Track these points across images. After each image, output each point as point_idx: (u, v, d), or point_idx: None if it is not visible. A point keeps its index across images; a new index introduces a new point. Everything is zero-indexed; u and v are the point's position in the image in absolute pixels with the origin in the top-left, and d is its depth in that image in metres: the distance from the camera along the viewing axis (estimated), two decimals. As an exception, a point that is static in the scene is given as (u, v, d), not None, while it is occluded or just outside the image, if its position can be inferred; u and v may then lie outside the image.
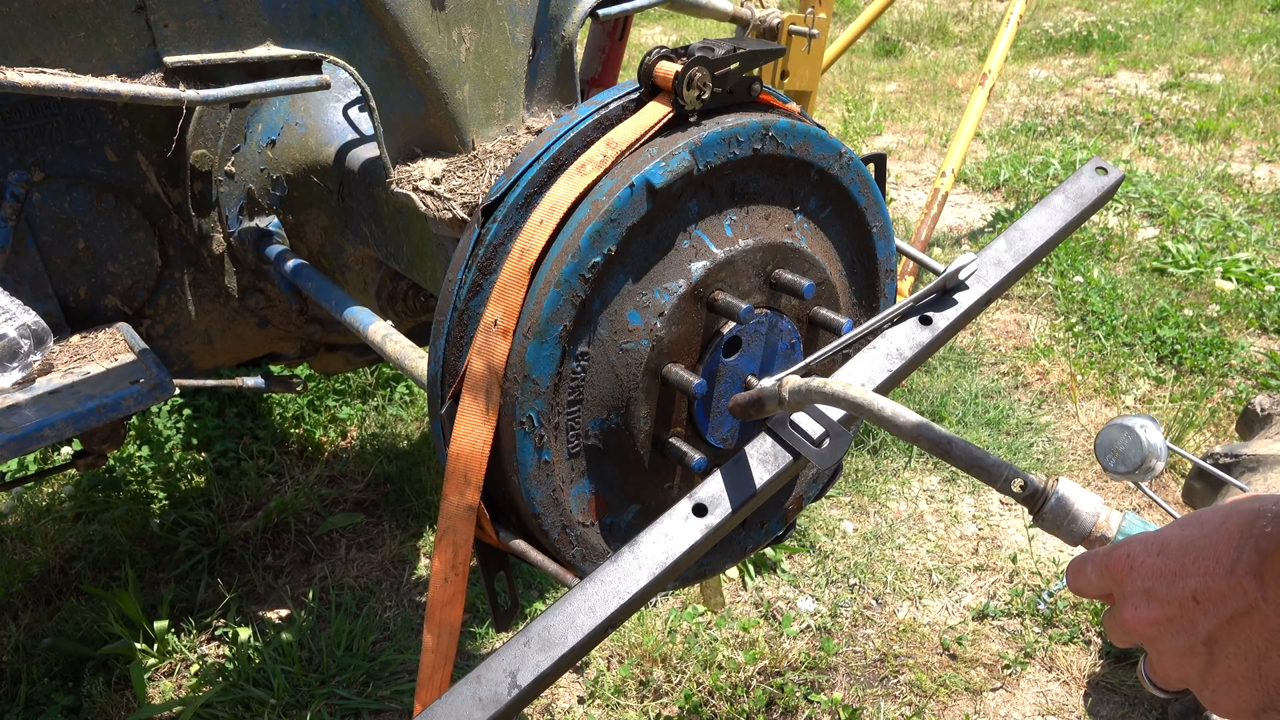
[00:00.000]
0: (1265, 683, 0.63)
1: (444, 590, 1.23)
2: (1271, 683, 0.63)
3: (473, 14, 1.59)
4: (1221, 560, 0.65)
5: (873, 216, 1.44)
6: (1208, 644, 0.66)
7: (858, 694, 2.55)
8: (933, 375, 3.88)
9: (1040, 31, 8.56)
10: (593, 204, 1.16)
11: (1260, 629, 0.62)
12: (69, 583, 2.94)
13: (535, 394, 1.17)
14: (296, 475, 3.38)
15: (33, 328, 1.54)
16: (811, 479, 1.55)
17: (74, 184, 1.77)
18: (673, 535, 1.10)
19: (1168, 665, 0.70)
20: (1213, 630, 0.66)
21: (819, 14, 2.83)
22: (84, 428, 1.49)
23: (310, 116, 1.93)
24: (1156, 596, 0.70)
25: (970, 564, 2.98)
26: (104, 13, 1.31)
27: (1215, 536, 0.66)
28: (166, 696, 2.60)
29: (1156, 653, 0.71)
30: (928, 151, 6.28)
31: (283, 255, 1.91)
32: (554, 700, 2.55)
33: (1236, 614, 0.64)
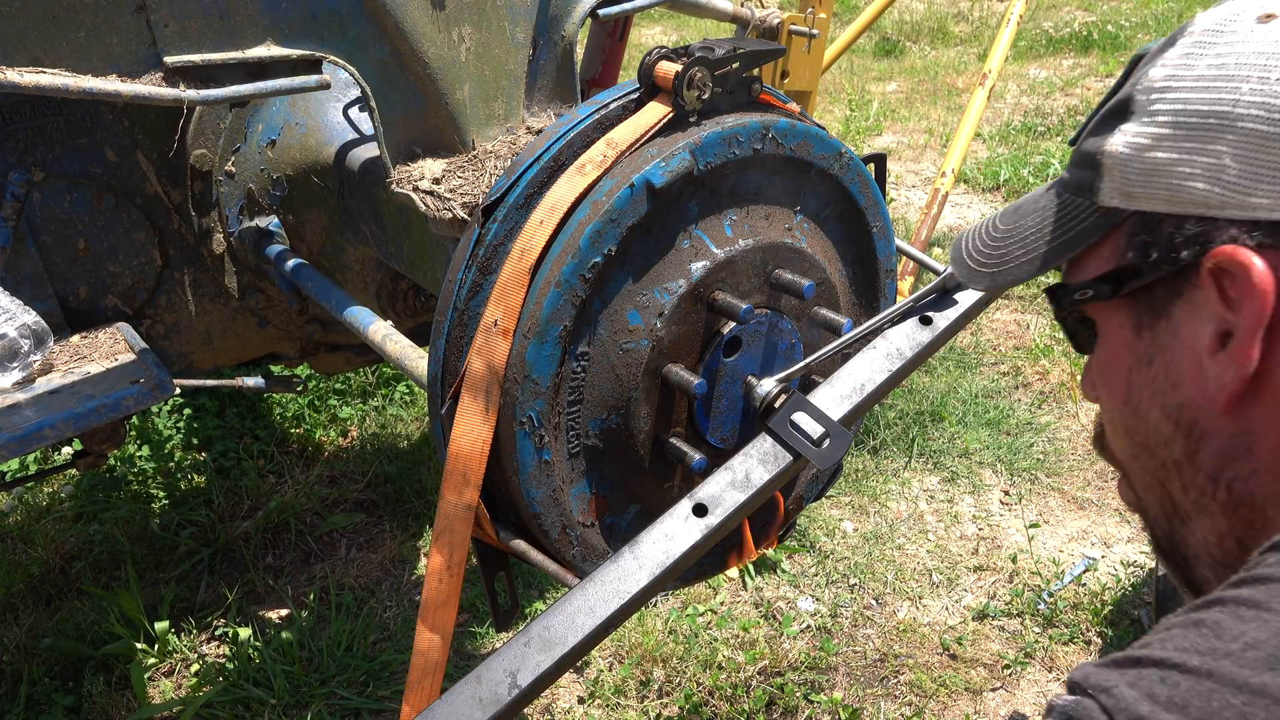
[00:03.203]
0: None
1: (439, 590, 1.23)
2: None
3: (473, 14, 1.59)
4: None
5: (873, 216, 1.44)
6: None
7: (858, 694, 2.55)
8: (933, 375, 3.88)
9: (1040, 31, 8.57)
10: (593, 204, 1.17)
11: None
12: (69, 583, 2.94)
13: (535, 394, 1.17)
14: (296, 475, 3.38)
15: (33, 328, 1.54)
16: (811, 479, 1.55)
17: (74, 184, 1.77)
18: (673, 535, 1.10)
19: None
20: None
21: (819, 14, 2.83)
22: (84, 428, 1.49)
23: (310, 116, 1.93)
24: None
25: (970, 564, 2.98)
26: (104, 13, 1.31)
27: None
28: (167, 696, 2.60)
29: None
30: (928, 151, 6.28)
31: (283, 255, 1.91)
32: (554, 700, 2.55)
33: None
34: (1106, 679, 0.51)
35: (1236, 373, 0.64)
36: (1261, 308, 0.62)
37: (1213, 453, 0.68)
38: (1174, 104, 0.67)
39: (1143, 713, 0.48)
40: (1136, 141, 0.68)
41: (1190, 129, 0.65)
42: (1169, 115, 0.67)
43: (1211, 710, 0.47)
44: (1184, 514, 0.73)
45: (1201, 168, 0.64)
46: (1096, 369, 0.79)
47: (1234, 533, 0.69)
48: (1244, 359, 0.63)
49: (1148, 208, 0.69)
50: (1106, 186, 0.71)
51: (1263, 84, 0.62)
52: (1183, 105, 0.66)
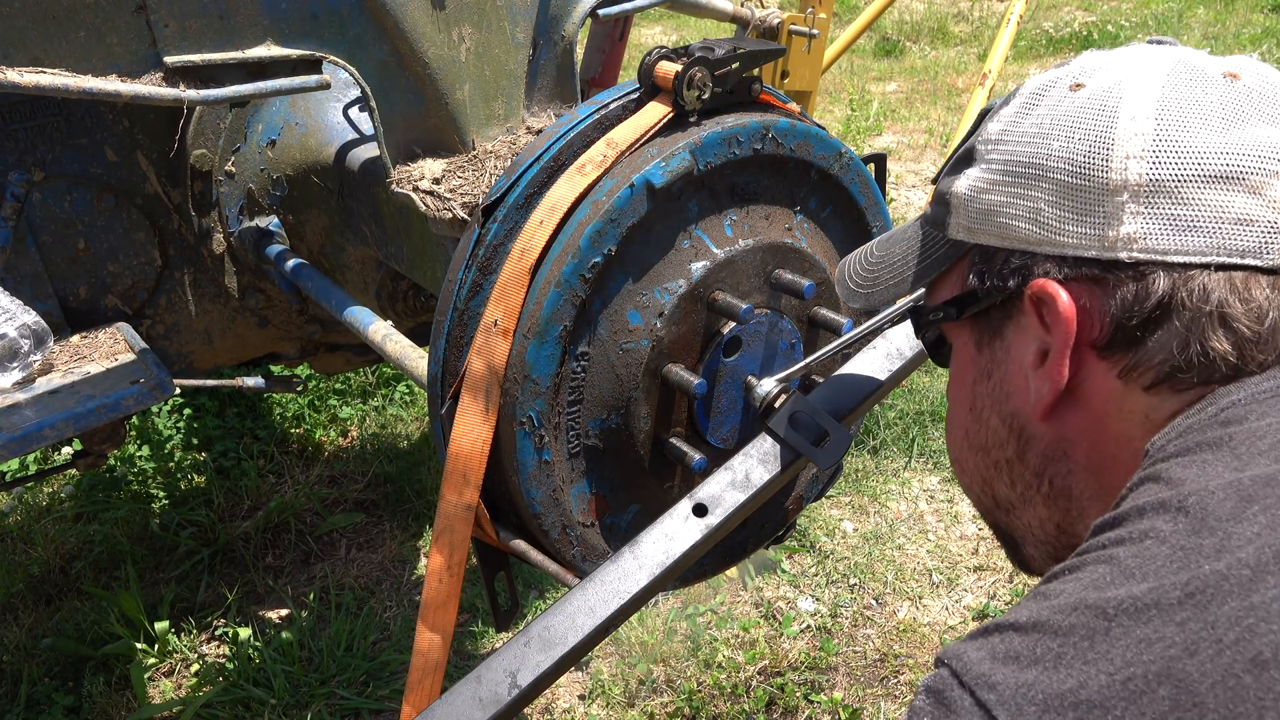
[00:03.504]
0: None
1: (439, 590, 1.23)
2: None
3: (473, 14, 1.59)
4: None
5: (873, 216, 1.44)
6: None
7: (858, 694, 2.55)
8: (933, 375, 3.88)
9: (1040, 31, 8.56)
10: (593, 204, 1.16)
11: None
12: (69, 583, 2.94)
13: (535, 394, 1.17)
14: (296, 475, 3.38)
15: (33, 328, 1.54)
16: (811, 479, 1.55)
17: (74, 184, 1.77)
18: (673, 535, 1.10)
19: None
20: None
21: (819, 14, 2.83)
22: (84, 428, 1.49)
23: (310, 116, 1.93)
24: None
25: (970, 564, 2.98)
26: (104, 13, 1.31)
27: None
28: (167, 696, 2.60)
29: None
30: (928, 151, 6.28)
31: (283, 255, 1.91)
32: (554, 699, 2.55)
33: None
34: (959, 649, 0.59)
35: (1051, 385, 0.75)
36: (1067, 331, 0.72)
37: (1037, 454, 0.80)
38: (1004, 154, 0.78)
39: (984, 670, 0.56)
40: (976, 185, 0.80)
41: (1015, 176, 0.77)
42: (1000, 164, 0.78)
43: (1036, 655, 0.55)
44: (1008, 505, 0.86)
45: (1023, 210, 0.76)
46: (950, 380, 0.90)
47: (1053, 519, 0.82)
48: (1056, 374, 0.74)
49: (985, 242, 0.79)
50: (954, 222, 0.82)
51: (1069, 142, 0.73)
52: (1011, 155, 0.77)
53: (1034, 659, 0.55)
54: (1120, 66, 0.76)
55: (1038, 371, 0.76)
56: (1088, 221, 0.72)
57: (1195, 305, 0.69)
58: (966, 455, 0.88)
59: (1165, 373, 0.71)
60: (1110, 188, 0.70)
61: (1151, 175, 0.69)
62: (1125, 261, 0.70)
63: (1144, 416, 0.72)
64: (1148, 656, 0.51)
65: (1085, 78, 0.76)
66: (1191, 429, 0.67)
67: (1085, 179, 0.72)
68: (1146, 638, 0.52)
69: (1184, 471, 0.62)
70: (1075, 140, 0.73)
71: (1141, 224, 0.70)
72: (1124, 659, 0.52)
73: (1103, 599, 0.55)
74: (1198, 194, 0.69)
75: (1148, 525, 0.59)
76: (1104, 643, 0.53)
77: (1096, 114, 0.73)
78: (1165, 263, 0.69)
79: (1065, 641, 0.54)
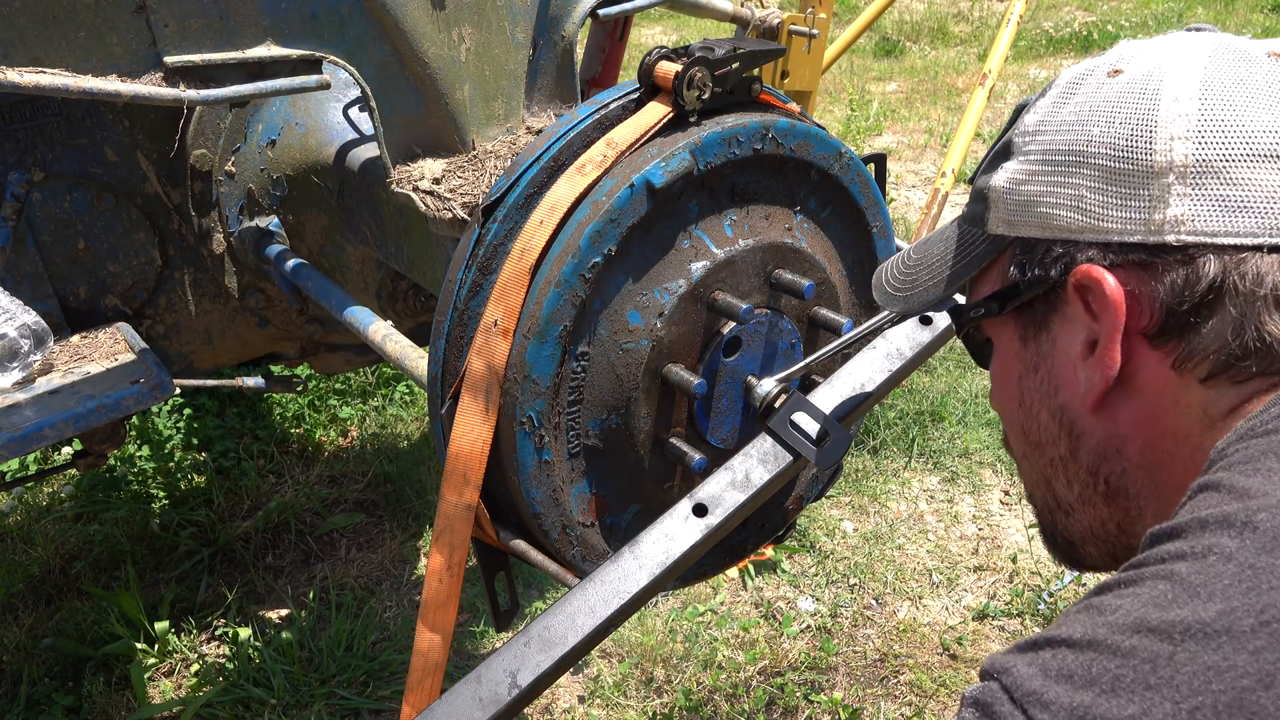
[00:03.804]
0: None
1: (439, 590, 1.23)
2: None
3: (473, 14, 1.59)
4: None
5: (873, 216, 1.44)
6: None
7: (858, 694, 2.55)
8: (933, 375, 3.88)
9: (1040, 31, 8.56)
10: (593, 204, 1.16)
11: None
12: (69, 583, 2.94)
13: (535, 394, 1.17)
14: (296, 475, 3.38)
15: (33, 328, 1.54)
16: (811, 479, 1.55)
17: (74, 184, 1.77)
18: (673, 535, 1.10)
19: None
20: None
21: (819, 14, 2.83)
22: (84, 428, 1.49)
23: (310, 116, 1.93)
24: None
25: (970, 564, 2.98)
26: (104, 13, 1.31)
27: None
28: (167, 696, 2.60)
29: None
30: (928, 151, 6.28)
31: (283, 255, 1.91)
32: (554, 699, 2.55)
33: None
34: (1008, 662, 0.56)
35: (1102, 374, 0.73)
36: (1116, 316, 0.70)
37: (1089, 450, 0.78)
38: (1043, 144, 0.77)
39: (1036, 687, 0.53)
40: (1015, 176, 0.79)
41: (1055, 165, 0.75)
42: (1039, 154, 0.77)
43: (1092, 676, 0.52)
44: (1067, 507, 0.83)
45: (1065, 198, 0.74)
46: (995, 378, 0.88)
47: (1114, 518, 0.79)
48: (1108, 362, 0.72)
49: (1025, 234, 0.78)
50: (993, 216, 0.81)
51: (1109, 127, 0.72)
52: (1049, 145, 0.76)
53: (1089, 680, 0.52)
54: (1160, 51, 0.74)
55: (1086, 361, 0.74)
56: (1132, 206, 0.70)
57: (1249, 289, 0.66)
58: (1026, 451, 0.86)
59: (1221, 362, 0.68)
60: (1155, 170, 0.68)
61: (1198, 155, 0.67)
62: (1173, 245, 0.68)
63: (1202, 411, 0.69)
64: (1218, 686, 0.48)
65: (1123, 64, 0.75)
66: (1255, 431, 0.63)
67: (1128, 162, 0.70)
68: (1216, 666, 0.49)
69: (1248, 481, 0.58)
70: (1116, 124, 0.71)
71: (1189, 206, 0.67)
72: (1190, 687, 0.48)
73: (1166, 620, 0.52)
74: (1247, 173, 0.66)
75: (1211, 540, 0.55)
76: (1168, 668, 0.50)
77: (1138, 97, 0.71)
78: (1215, 245, 0.67)
79: (1125, 664, 0.51)
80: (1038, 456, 0.84)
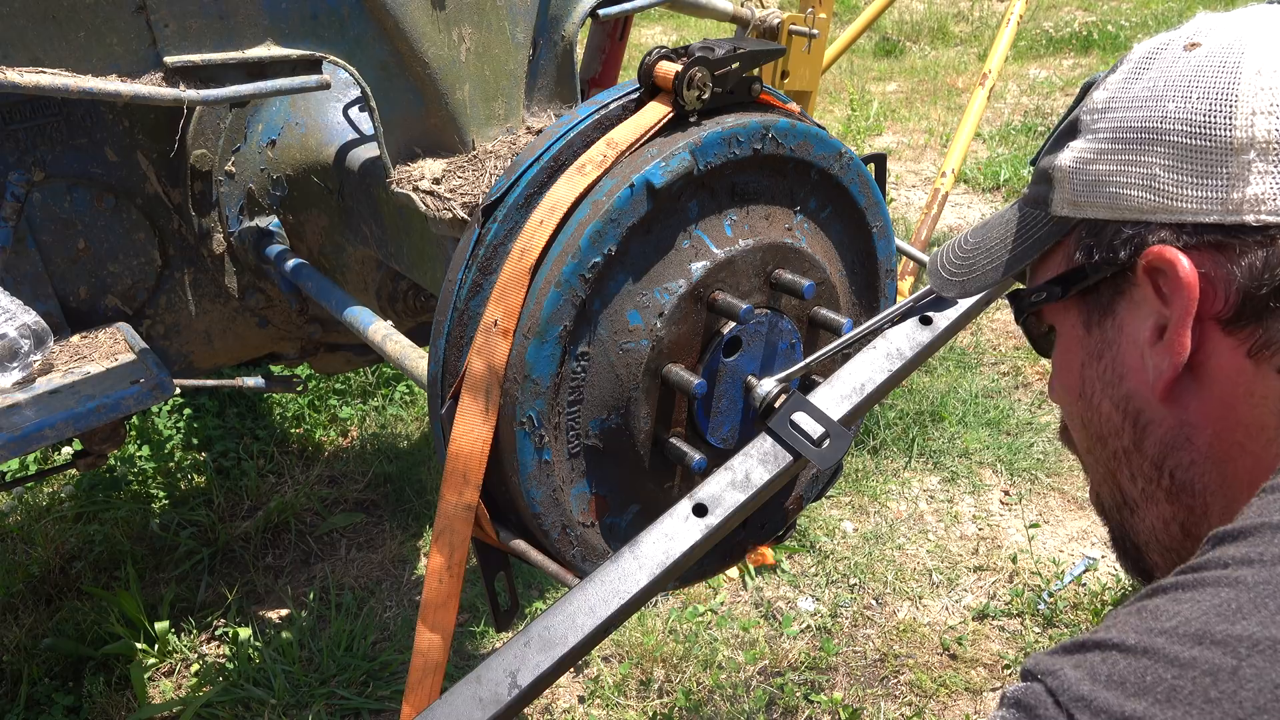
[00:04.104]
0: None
1: (439, 591, 1.23)
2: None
3: (473, 14, 1.59)
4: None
5: (873, 216, 1.44)
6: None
7: (858, 694, 2.55)
8: (933, 375, 3.88)
9: (1040, 31, 8.56)
10: (593, 204, 1.16)
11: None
12: (69, 583, 2.94)
13: (535, 394, 1.17)
14: (296, 475, 3.38)
15: (33, 328, 1.54)
16: (811, 479, 1.55)
17: (74, 184, 1.77)
18: (673, 535, 1.10)
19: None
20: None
21: (819, 14, 2.83)
22: (84, 428, 1.49)
23: (310, 116, 1.93)
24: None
25: (970, 564, 2.98)
26: (104, 13, 1.31)
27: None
28: (167, 696, 2.60)
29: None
30: (928, 151, 6.28)
31: (283, 255, 1.91)
32: (554, 699, 2.55)
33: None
34: (1053, 664, 0.54)
35: (1171, 360, 0.69)
36: (1188, 299, 0.67)
37: (1155, 441, 0.74)
38: (1113, 121, 0.74)
39: (1084, 692, 0.51)
40: (1082, 156, 0.76)
41: (1126, 143, 0.72)
42: (1109, 132, 0.74)
43: (1146, 684, 0.50)
44: (1133, 503, 0.80)
45: (1136, 177, 0.71)
46: (1056, 366, 0.85)
47: (1178, 518, 0.75)
48: (1178, 347, 0.68)
49: (1092, 215, 0.75)
50: (1057, 198, 0.78)
51: (1185, 102, 0.68)
52: (1120, 122, 0.73)
53: (1142, 688, 0.50)
54: (1239, 24, 0.71)
55: (1155, 347, 0.70)
56: (1209, 184, 0.66)
57: None
58: (1090, 445, 0.82)
59: None
60: (1235, 146, 0.65)
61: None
62: (1252, 225, 0.65)
63: (1278, 402, 0.66)
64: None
65: (1201, 36, 0.71)
66: None
67: (1206, 139, 0.67)
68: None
69: None
70: (1194, 99, 0.67)
71: (1271, 184, 0.64)
72: (1256, 704, 0.46)
73: (1231, 633, 0.49)
74: None
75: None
76: (1231, 683, 0.47)
77: (1217, 70, 0.68)
78: None
79: (1183, 674, 0.49)
80: (1100, 450, 0.80)
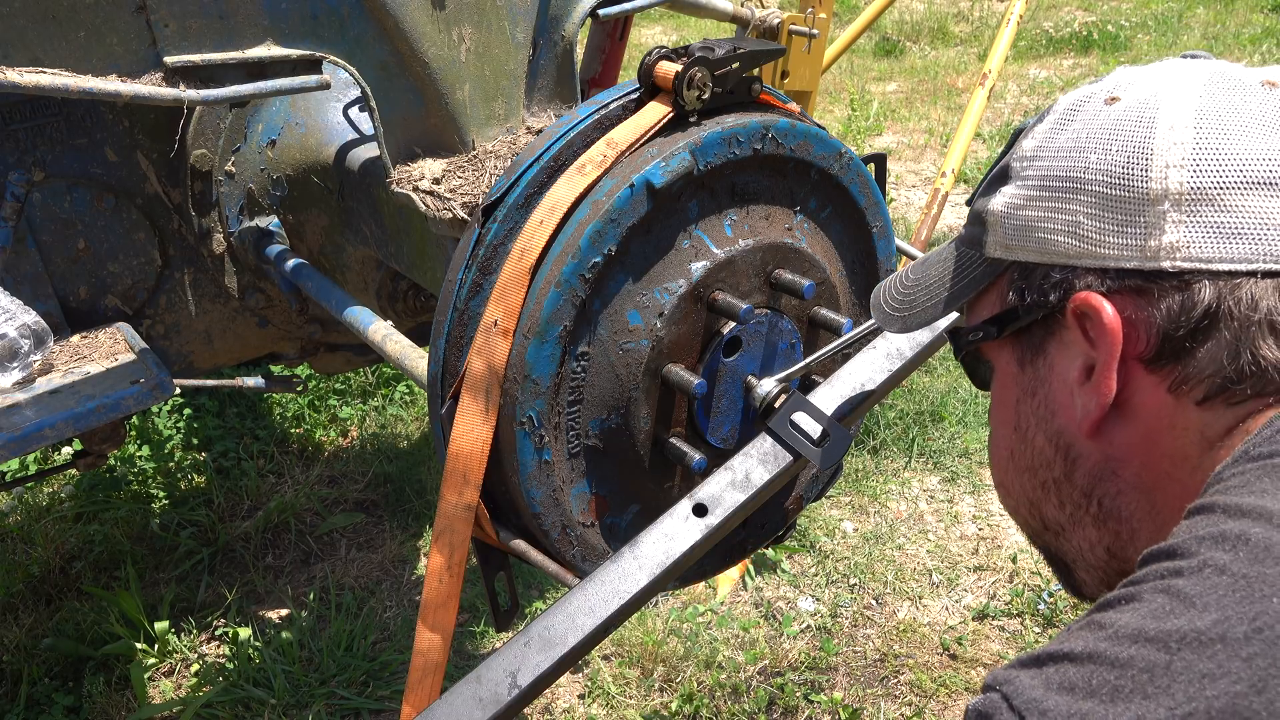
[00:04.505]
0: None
1: (439, 590, 1.23)
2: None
3: (473, 14, 1.59)
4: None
5: (873, 216, 1.44)
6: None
7: (858, 694, 2.55)
8: (933, 375, 3.88)
9: (1040, 31, 8.56)
10: (593, 204, 1.16)
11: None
12: (69, 583, 2.94)
13: (535, 394, 1.17)
14: (296, 475, 3.38)
15: (33, 328, 1.54)
16: (811, 479, 1.55)
17: (74, 184, 1.77)
18: (673, 535, 1.10)
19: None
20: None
21: (819, 14, 2.83)
22: (84, 428, 1.49)
23: (310, 116, 1.93)
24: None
25: (970, 564, 2.98)
26: (104, 13, 1.31)
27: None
28: (167, 696, 2.60)
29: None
30: (928, 151, 6.28)
31: (283, 255, 1.91)
32: (554, 699, 2.55)
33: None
34: (1010, 675, 0.58)
35: (1099, 401, 0.73)
36: (1112, 344, 0.71)
37: (1085, 473, 0.78)
38: (1040, 170, 0.77)
39: (1037, 696, 0.55)
40: (1012, 201, 0.79)
41: (1052, 191, 0.76)
42: (1036, 179, 0.77)
43: (1092, 687, 0.54)
44: (1057, 528, 0.84)
45: (1062, 224, 0.75)
46: (993, 401, 0.89)
47: (1103, 542, 0.80)
48: (1104, 388, 0.73)
49: (1023, 258, 0.78)
50: (991, 240, 0.82)
51: (1106, 154, 0.72)
52: (1047, 170, 0.77)
53: (1090, 690, 0.53)
54: (1155, 79, 0.75)
55: (1083, 387, 0.75)
56: (1129, 232, 0.71)
57: (1244, 314, 0.67)
58: (1012, 478, 0.87)
59: (1217, 386, 0.69)
60: (1150, 197, 0.69)
61: (1193, 183, 0.68)
62: (1169, 271, 0.69)
63: (1199, 433, 0.71)
64: (1211, 692, 0.49)
65: (1120, 91, 0.76)
66: (1250, 455, 0.65)
67: (1124, 189, 0.71)
68: (1210, 673, 0.50)
69: (1243, 500, 0.60)
70: (1113, 151, 0.72)
71: (1184, 232, 0.69)
72: (1186, 694, 0.50)
73: (1163, 630, 0.54)
74: (1241, 201, 0.68)
75: (1207, 555, 0.57)
76: (1164, 677, 0.51)
77: (1134, 125, 0.72)
78: (1210, 271, 0.68)
79: (1123, 674, 0.53)
80: (1027, 480, 0.85)
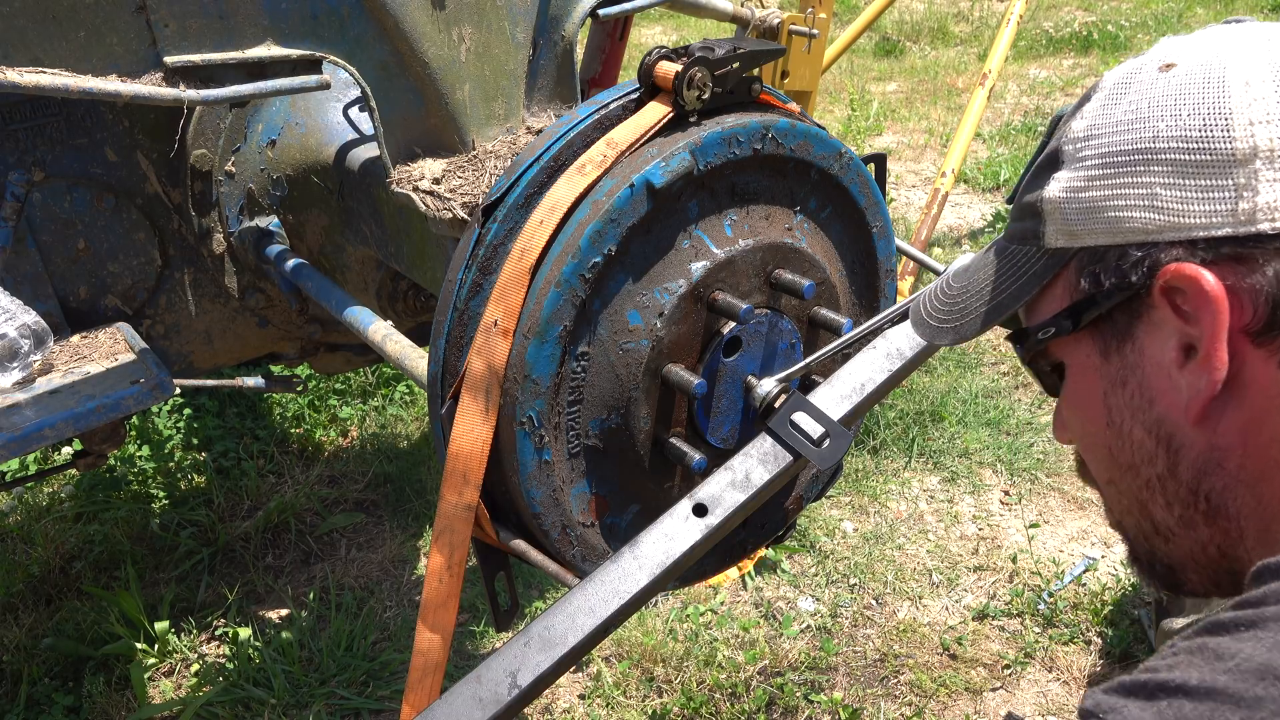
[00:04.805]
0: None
1: (439, 590, 1.23)
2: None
3: (473, 14, 1.59)
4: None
5: (873, 216, 1.44)
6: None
7: (858, 694, 2.55)
8: (933, 375, 3.88)
9: (1040, 31, 8.56)
10: (593, 204, 1.16)
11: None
12: (69, 583, 2.94)
13: (535, 394, 1.17)
14: (296, 475, 3.38)
15: (33, 328, 1.54)
16: (811, 479, 1.55)
17: (74, 184, 1.77)
18: (673, 535, 1.10)
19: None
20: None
21: (819, 14, 2.83)
22: (84, 428, 1.49)
23: (310, 116, 1.93)
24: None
25: (970, 564, 2.98)
26: (104, 13, 1.31)
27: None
28: (167, 696, 2.60)
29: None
30: (928, 151, 6.28)
31: (283, 255, 1.91)
32: (554, 699, 2.55)
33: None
34: (1117, 703, 0.53)
35: (1210, 378, 0.68)
36: (1219, 314, 0.66)
37: (1189, 466, 0.73)
38: (1099, 148, 0.73)
39: None
40: (1071, 185, 0.75)
41: (1118, 166, 0.72)
42: (1097, 158, 0.73)
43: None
44: (1167, 531, 0.78)
45: (1135, 199, 0.71)
46: (1070, 402, 0.83)
47: (1215, 540, 0.74)
48: (1216, 363, 0.67)
49: (1092, 242, 0.74)
50: (1050, 230, 0.77)
51: (1176, 119, 0.69)
52: (1108, 147, 0.73)
53: None
54: (1210, 42, 0.72)
55: (1184, 368, 0.70)
56: (1215, 197, 0.66)
57: None
58: (1117, 477, 0.81)
59: None
60: (1238, 157, 0.66)
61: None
62: (1269, 233, 0.65)
63: None
64: None
65: (1174, 57, 0.72)
66: None
67: (1205, 153, 0.67)
68: None
69: None
70: (1184, 116, 0.68)
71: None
72: None
73: None
74: None
75: None
76: None
77: (1202, 87, 0.68)
78: None
79: (1252, 715, 0.49)
80: (1130, 480, 0.79)
